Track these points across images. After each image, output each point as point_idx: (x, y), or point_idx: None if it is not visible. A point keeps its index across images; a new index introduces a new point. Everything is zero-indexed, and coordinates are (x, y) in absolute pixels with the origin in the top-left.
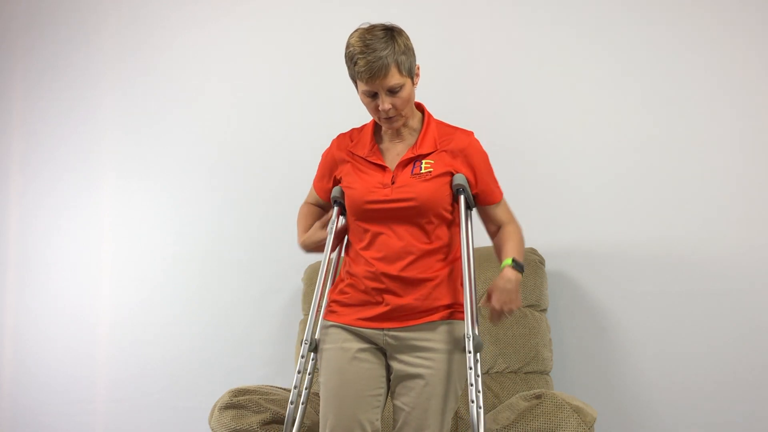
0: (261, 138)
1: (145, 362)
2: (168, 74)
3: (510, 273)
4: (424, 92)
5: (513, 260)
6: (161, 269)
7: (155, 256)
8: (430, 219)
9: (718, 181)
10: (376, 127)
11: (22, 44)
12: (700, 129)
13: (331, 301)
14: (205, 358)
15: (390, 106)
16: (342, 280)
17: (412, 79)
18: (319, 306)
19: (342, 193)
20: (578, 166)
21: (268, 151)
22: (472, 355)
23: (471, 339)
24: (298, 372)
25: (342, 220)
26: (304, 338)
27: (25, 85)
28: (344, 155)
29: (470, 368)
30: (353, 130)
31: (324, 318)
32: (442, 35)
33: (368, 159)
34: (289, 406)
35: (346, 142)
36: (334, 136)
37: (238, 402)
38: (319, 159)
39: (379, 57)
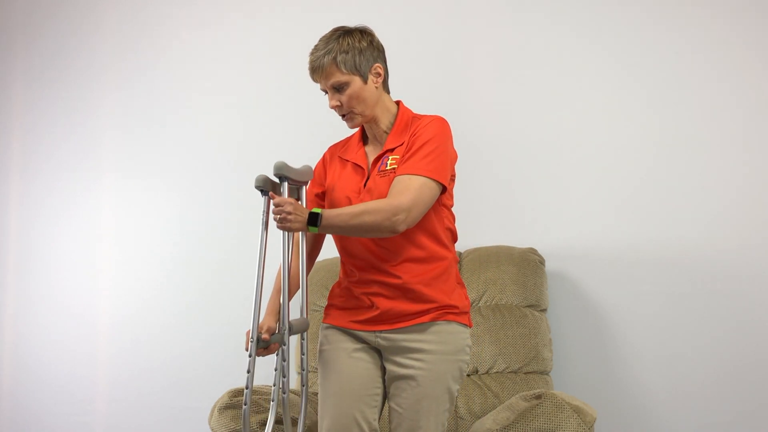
0: (261, 137)
1: (146, 362)
2: (168, 74)
3: (302, 210)
4: (424, 92)
5: (320, 214)
6: (161, 269)
7: (155, 256)
8: None
9: (719, 181)
10: (363, 130)
11: (22, 44)
12: (700, 129)
13: (329, 304)
14: (204, 359)
15: (337, 103)
16: (339, 284)
17: (363, 77)
18: (261, 307)
19: (265, 181)
20: (578, 166)
21: (268, 150)
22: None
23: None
24: (248, 372)
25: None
26: (251, 336)
27: (25, 85)
28: (335, 161)
29: (303, 354)
30: (345, 138)
31: (322, 321)
32: (441, 36)
33: (353, 161)
34: (243, 408)
35: (337, 149)
36: (335, 137)
37: (238, 402)
38: (319, 158)
39: (318, 56)
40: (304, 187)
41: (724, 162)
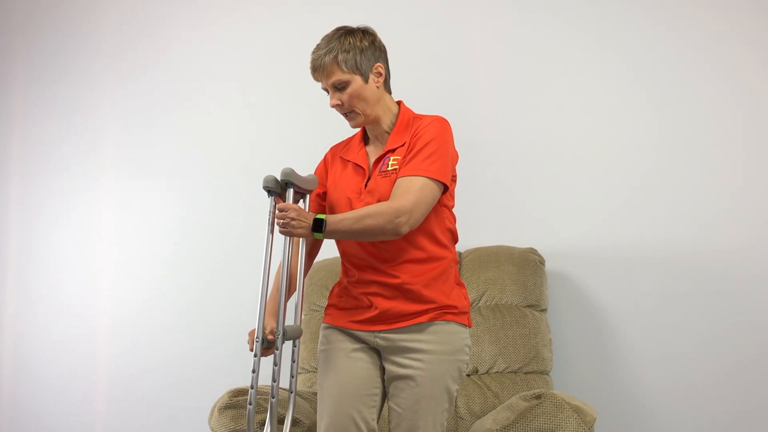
0: (262, 137)
1: (145, 362)
2: (168, 74)
3: (306, 215)
4: (424, 93)
5: (324, 220)
6: (161, 269)
7: (155, 256)
8: None
9: (718, 181)
10: (365, 131)
11: (22, 44)
12: (700, 130)
13: (329, 304)
14: (204, 359)
15: (338, 102)
16: (339, 284)
17: (364, 76)
18: (270, 305)
19: (273, 182)
20: (578, 166)
21: (269, 150)
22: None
23: (282, 334)
24: (253, 371)
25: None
26: (256, 336)
27: (25, 85)
28: (337, 161)
29: (294, 361)
30: (347, 138)
31: (322, 321)
32: (441, 36)
33: (354, 161)
34: (249, 407)
35: (339, 149)
36: (336, 137)
37: (238, 402)
38: (320, 158)
39: (319, 55)
40: (308, 195)
41: (724, 162)
